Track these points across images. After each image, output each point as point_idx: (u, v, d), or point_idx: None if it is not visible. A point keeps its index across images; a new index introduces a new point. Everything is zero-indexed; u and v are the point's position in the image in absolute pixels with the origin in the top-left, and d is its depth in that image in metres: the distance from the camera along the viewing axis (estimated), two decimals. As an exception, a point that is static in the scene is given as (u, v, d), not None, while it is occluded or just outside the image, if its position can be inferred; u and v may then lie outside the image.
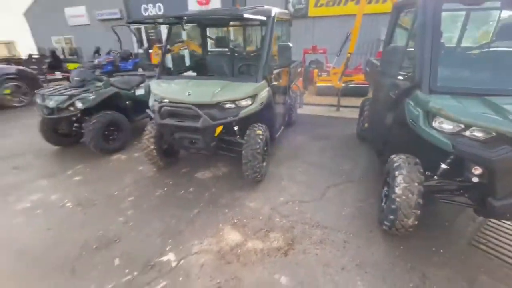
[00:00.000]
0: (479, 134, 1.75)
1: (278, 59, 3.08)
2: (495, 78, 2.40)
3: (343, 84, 6.32)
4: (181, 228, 2.44)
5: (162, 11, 11.64)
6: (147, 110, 3.12)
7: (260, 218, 2.55)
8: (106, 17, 12.93)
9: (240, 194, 2.96)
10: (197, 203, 2.80)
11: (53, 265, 2.06)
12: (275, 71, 3.24)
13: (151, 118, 3.98)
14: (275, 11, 3.19)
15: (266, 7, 3.25)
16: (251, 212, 2.64)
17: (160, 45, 8.87)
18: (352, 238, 2.27)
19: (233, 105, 2.81)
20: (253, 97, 2.85)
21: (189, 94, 2.79)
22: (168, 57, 9.18)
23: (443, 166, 2.03)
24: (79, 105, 3.65)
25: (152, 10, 11.85)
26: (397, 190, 2.02)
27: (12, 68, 7.38)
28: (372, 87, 3.77)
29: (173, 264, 2.05)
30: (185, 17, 2.92)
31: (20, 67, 7.69)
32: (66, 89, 3.85)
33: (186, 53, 7.82)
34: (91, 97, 3.73)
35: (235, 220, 2.52)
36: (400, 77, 2.48)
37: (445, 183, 2.10)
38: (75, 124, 3.90)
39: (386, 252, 2.14)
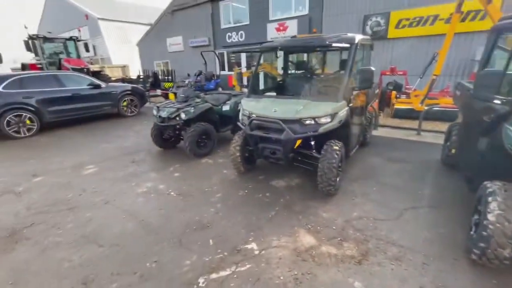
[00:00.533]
0: None
1: (359, 82, 3.27)
2: None
3: (425, 107, 5.95)
4: (261, 224, 2.80)
5: (243, 38, 13.11)
6: (238, 123, 3.69)
7: (334, 228, 2.70)
8: (197, 44, 15.28)
9: (312, 204, 3.17)
10: (273, 207, 3.14)
11: (165, 235, 2.67)
12: (354, 93, 3.44)
13: (233, 131, 4.69)
14: (358, 38, 3.44)
15: (349, 34, 3.54)
16: (324, 221, 2.82)
17: (239, 68, 10.00)
18: (432, 261, 2.21)
19: (313, 122, 3.12)
20: (332, 115, 3.10)
21: (275, 111, 3.24)
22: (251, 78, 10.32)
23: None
24: (183, 115, 4.54)
25: (235, 38, 13.47)
26: (490, 217, 1.93)
27: (129, 86, 9.42)
28: (462, 111, 3.54)
29: (256, 252, 2.39)
30: (279, 47, 3.45)
31: (134, 85, 9.77)
32: (174, 103, 4.85)
33: (261, 75, 8.66)
34: (192, 110, 4.60)
35: (309, 226, 2.74)
36: (497, 101, 2.37)
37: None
38: (177, 132, 4.83)
39: (474, 282, 2.01)
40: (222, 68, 14.35)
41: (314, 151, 3.43)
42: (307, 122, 3.13)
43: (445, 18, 8.24)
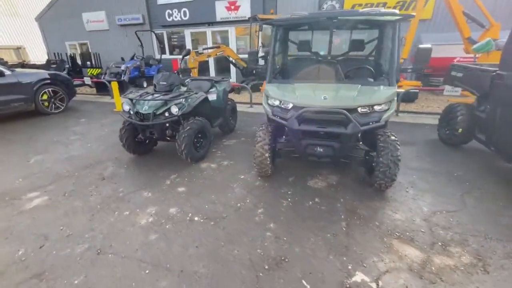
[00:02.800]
0: None
1: (415, 62, 2.94)
2: None
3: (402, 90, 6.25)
4: (344, 243, 2.23)
5: (187, 16, 11.51)
6: (272, 117, 2.92)
7: (422, 230, 2.36)
8: (126, 22, 12.71)
9: (373, 204, 2.77)
10: (337, 215, 2.60)
11: (233, 290, 1.82)
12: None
13: (221, 127, 3.84)
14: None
15: (387, 10, 3.13)
16: (405, 224, 2.45)
17: (196, 50, 8.67)
18: (541, 251, 2.11)
19: (369, 110, 2.65)
20: (391, 101, 2.70)
21: (325, 98, 2.63)
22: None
23: None
24: (174, 110, 3.42)
25: (177, 16, 11.70)
26: None
27: (46, 73, 7.03)
28: (478, 92, 3.65)
29: (373, 285, 1.83)
30: (333, 17, 2.80)
31: (55, 72, 7.36)
32: (154, 94, 3.62)
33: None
34: (185, 103, 3.51)
35: (396, 234, 2.33)
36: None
37: None
38: (167, 131, 3.66)
39: None
40: (163, 51, 12.43)
41: (361, 143, 3.00)
42: (363, 110, 2.64)
43: (392, 6, 8.89)
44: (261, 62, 9.07)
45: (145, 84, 10.74)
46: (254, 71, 8.72)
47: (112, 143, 4.58)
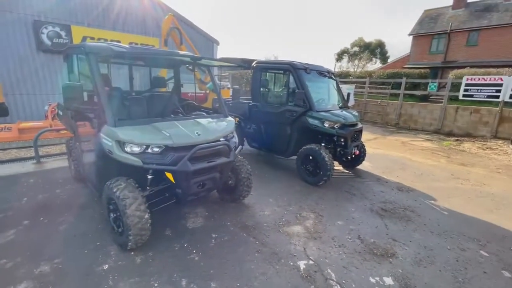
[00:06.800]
0: None
1: None
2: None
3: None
4: (262, 242, 2.61)
5: None
6: (146, 166, 2.32)
7: (285, 214, 3.36)
8: None
9: (246, 213, 3.33)
10: (239, 234, 2.84)
11: None
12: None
13: None
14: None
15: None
16: (273, 216, 3.31)
17: None
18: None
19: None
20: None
21: (198, 134, 2.70)
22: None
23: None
24: None
25: None
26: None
27: None
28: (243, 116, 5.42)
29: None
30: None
31: None
32: None
33: None
34: None
35: (281, 222, 3.11)
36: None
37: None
38: None
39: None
40: None
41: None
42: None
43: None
44: None
45: None
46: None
47: None
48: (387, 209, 3.64)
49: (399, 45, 56.98)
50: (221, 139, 2.92)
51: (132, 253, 2.47)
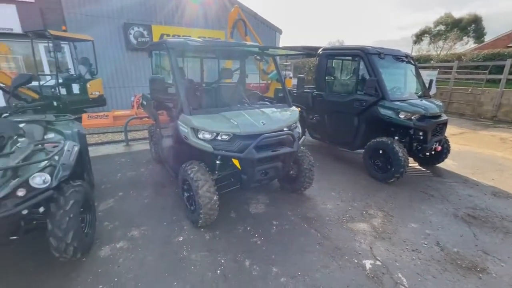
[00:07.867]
0: None
1: None
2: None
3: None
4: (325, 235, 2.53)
5: None
6: (216, 152, 2.52)
7: (349, 209, 3.19)
8: None
9: (307, 204, 3.29)
10: (299, 224, 2.83)
11: None
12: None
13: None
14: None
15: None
16: (338, 209, 3.18)
17: None
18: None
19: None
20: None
21: (263, 123, 2.74)
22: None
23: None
24: (42, 180, 1.94)
25: None
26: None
27: None
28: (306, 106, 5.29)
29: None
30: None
31: None
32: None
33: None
34: (59, 161, 2.09)
35: (346, 217, 2.98)
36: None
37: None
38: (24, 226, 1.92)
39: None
40: None
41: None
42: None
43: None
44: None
45: None
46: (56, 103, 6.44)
47: None
48: (476, 217, 3.09)
49: (502, 17, 45.10)
50: (285, 129, 2.92)
51: (202, 230, 2.72)
